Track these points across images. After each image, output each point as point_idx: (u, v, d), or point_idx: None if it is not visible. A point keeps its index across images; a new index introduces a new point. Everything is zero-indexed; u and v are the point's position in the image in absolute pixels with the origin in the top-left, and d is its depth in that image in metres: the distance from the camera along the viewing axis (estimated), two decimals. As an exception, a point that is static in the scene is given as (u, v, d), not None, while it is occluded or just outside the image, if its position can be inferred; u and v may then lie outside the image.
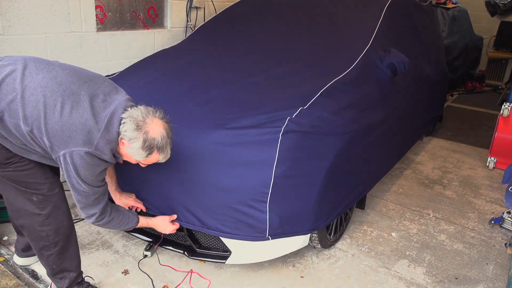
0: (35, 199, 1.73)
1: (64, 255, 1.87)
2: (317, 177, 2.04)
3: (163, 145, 1.63)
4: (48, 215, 1.76)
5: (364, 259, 2.44)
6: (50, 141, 1.51)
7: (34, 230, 1.78)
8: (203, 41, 3.14)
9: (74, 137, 1.51)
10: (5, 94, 1.50)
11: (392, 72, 2.72)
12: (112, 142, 1.58)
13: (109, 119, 1.56)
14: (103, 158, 1.58)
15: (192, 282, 2.16)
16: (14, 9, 2.49)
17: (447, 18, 5.92)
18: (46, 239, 1.79)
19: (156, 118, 1.62)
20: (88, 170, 1.56)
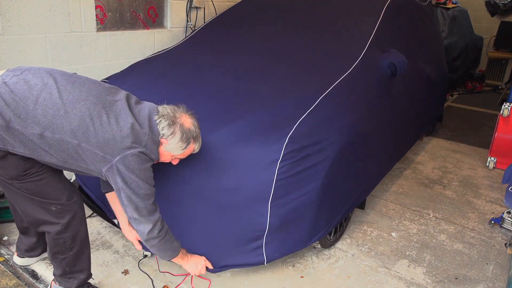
0: (54, 209, 1.71)
1: (79, 258, 1.87)
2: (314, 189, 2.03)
3: (197, 134, 1.75)
4: (67, 224, 1.75)
5: (364, 259, 2.44)
6: (103, 151, 1.54)
7: (51, 238, 1.78)
8: (203, 42, 3.14)
9: (126, 142, 1.56)
10: (45, 110, 1.49)
11: (392, 72, 2.72)
12: (157, 142, 1.66)
13: (149, 121, 1.64)
14: (152, 158, 1.66)
15: (193, 283, 2.15)
16: (14, 9, 2.49)
17: (447, 18, 5.92)
18: (63, 246, 1.79)
19: (182, 112, 1.73)
20: (143, 168, 1.61)
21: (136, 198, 1.61)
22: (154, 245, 1.74)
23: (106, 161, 1.55)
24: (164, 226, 1.74)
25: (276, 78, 2.46)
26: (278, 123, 2.02)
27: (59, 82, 1.56)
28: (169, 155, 1.74)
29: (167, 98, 2.29)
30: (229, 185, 1.91)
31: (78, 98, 1.55)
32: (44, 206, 1.71)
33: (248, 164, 1.91)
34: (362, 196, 2.63)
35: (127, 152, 1.55)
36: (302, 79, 2.43)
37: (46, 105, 1.49)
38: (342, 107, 2.28)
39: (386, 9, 3.07)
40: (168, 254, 1.82)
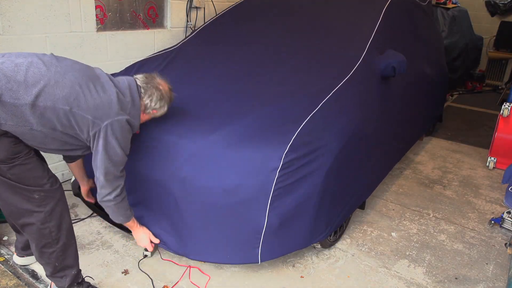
0: (37, 197, 1.73)
1: (66, 251, 1.87)
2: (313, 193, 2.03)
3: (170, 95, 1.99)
4: (50, 211, 1.77)
5: (364, 259, 2.44)
6: (93, 115, 1.67)
7: (36, 229, 1.77)
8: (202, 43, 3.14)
9: (113, 108, 1.71)
10: (36, 81, 1.58)
11: (391, 72, 2.72)
12: (138, 109, 1.84)
13: (130, 90, 1.81)
14: (134, 125, 1.82)
15: (192, 279, 2.16)
16: (14, 9, 2.49)
17: (447, 18, 5.92)
18: (49, 236, 1.79)
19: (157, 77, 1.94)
20: (125, 137, 1.79)
21: (109, 164, 1.76)
22: (110, 207, 1.90)
23: (95, 125, 1.69)
24: (122, 194, 1.88)
25: (276, 79, 2.46)
26: (279, 128, 2.02)
27: (42, 58, 1.66)
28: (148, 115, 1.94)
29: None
30: (228, 187, 1.91)
31: (65, 70, 1.67)
32: (27, 194, 1.71)
33: (247, 167, 1.91)
34: (362, 197, 2.63)
35: (115, 118, 1.71)
36: (303, 82, 2.43)
37: (35, 77, 1.59)
38: (342, 111, 2.27)
39: (386, 10, 3.07)
40: (119, 219, 1.98)
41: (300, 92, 2.31)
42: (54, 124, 1.63)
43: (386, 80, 2.79)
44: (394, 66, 2.68)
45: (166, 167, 2.01)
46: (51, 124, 1.63)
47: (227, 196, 1.91)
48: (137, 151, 2.09)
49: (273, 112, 2.13)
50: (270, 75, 2.52)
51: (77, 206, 2.76)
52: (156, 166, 2.04)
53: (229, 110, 2.17)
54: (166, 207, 2.05)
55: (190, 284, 2.14)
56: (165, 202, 2.04)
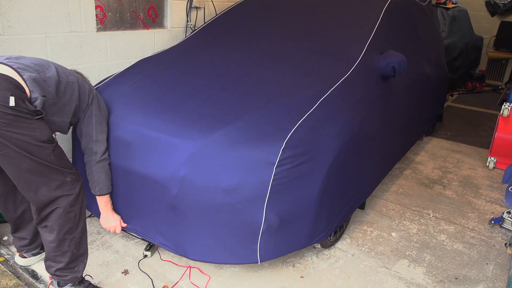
0: (69, 179, 1.80)
1: (83, 236, 1.93)
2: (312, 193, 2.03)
3: None
4: (78, 194, 1.85)
5: (364, 259, 2.44)
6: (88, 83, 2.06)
7: (64, 213, 1.81)
8: (202, 43, 3.14)
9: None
10: (46, 64, 1.85)
11: (391, 72, 2.72)
12: None
13: None
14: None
15: (192, 279, 2.16)
16: (14, 9, 2.49)
17: (447, 18, 5.92)
18: (73, 220, 1.85)
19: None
20: None
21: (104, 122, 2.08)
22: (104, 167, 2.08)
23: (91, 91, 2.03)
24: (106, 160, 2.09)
25: (275, 79, 2.46)
26: (276, 126, 2.02)
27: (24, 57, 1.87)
28: None
29: (166, 98, 2.30)
30: (225, 186, 1.91)
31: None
32: (62, 178, 1.77)
33: (244, 166, 1.91)
34: (362, 198, 2.63)
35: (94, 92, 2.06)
36: (301, 81, 2.43)
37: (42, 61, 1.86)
38: (341, 110, 2.27)
39: (386, 9, 3.07)
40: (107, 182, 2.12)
41: (299, 91, 2.30)
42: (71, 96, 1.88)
43: (386, 80, 2.79)
44: (394, 66, 2.68)
45: (164, 166, 2.01)
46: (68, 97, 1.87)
47: (226, 195, 1.91)
48: (136, 151, 2.09)
49: (271, 111, 2.13)
50: (269, 74, 2.52)
51: (77, 206, 2.76)
52: (154, 165, 2.04)
53: (228, 109, 2.17)
54: (164, 207, 2.05)
55: (190, 284, 2.14)
56: (164, 202, 2.04)
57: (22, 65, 1.73)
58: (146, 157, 2.07)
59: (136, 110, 2.24)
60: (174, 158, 1.99)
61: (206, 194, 1.93)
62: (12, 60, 1.73)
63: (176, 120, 2.13)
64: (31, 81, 1.69)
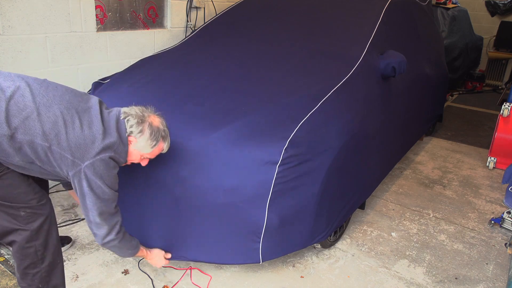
0: (23, 214, 1.63)
1: (53, 271, 1.77)
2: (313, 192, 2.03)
3: (166, 133, 1.77)
4: (37, 229, 1.67)
5: (364, 259, 2.44)
6: (73, 155, 1.54)
7: (21, 247, 1.67)
8: (203, 43, 3.14)
9: (96, 147, 1.57)
10: (18, 111, 1.47)
11: (391, 72, 2.72)
12: (126, 143, 1.67)
13: (117, 123, 1.66)
14: (120, 161, 1.67)
15: (193, 279, 2.16)
16: (14, 9, 2.49)
17: (447, 18, 5.92)
18: (35, 256, 1.69)
19: (151, 112, 1.76)
20: (110, 174, 1.63)
21: (101, 203, 1.62)
22: (114, 246, 1.74)
23: (75, 165, 1.55)
24: (122, 229, 1.74)
25: (276, 79, 2.46)
26: (278, 126, 2.02)
27: (31, 85, 1.55)
28: (138, 154, 1.74)
29: (166, 98, 2.30)
30: (227, 186, 1.91)
31: (52, 101, 1.54)
32: (12, 212, 1.61)
33: (247, 165, 1.91)
34: (362, 198, 2.63)
35: (96, 158, 1.56)
36: (302, 81, 2.42)
37: (19, 107, 1.47)
38: (341, 110, 2.27)
39: (386, 10, 3.07)
40: (128, 252, 1.85)
41: (299, 91, 2.30)
42: (32, 159, 1.53)
43: (386, 80, 2.79)
44: (394, 66, 2.68)
45: (165, 166, 2.01)
46: (29, 159, 1.52)
47: (228, 195, 1.91)
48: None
49: (273, 110, 2.13)
50: (270, 74, 2.52)
51: (77, 206, 2.76)
52: (155, 165, 2.04)
53: (229, 109, 2.17)
54: (165, 207, 2.05)
55: (191, 284, 2.14)
56: (165, 202, 2.04)
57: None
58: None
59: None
60: (175, 158, 1.99)
61: (208, 194, 1.93)
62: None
63: (177, 120, 2.12)
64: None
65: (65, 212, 2.71)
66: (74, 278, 2.13)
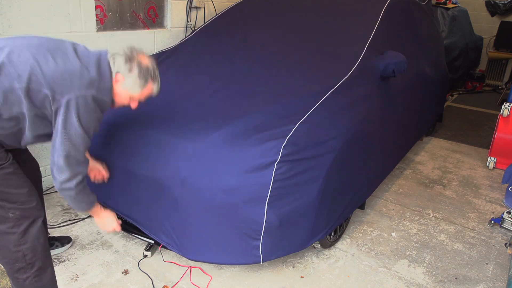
0: (11, 215, 1.60)
1: (42, 276, 1.73)
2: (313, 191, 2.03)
3: (156, 74, 1.71)
4: (24, 232, 1.63)
5: (364, 259, 2.44)
6: (52, 89, 1.51)
7: (8, 252, 1.64)
8: (202, 43, 3.14)
9: (75, 82, 1.53)
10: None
11: (391, 73, 2.72)
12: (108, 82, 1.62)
13: (98, 63, 1.61)
14: (103, 102, 1.62)
15: (193, 279, 2.16)
16: (14, 9, 2.49)
17: (447, 18, 5.92)
18: (23, 260, 1.65)
19: (140, 52, 1.69)
20: (89, 114, 1.57)
21: (70, 145, 1.57)
22: (70, 196, 1.67)
23: (55, 101, 1.52)
24: (83, 181, 1.68)
25: (275, 80, 2.46)
26: (276, 125, 2.02)
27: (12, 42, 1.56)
28: (127, 95, 1.69)
29: (166, 98, 2.30)
30: (226, 185, 1.91)
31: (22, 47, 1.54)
32: (1, 213, 1.59)
33: (245, 165, 1.91)
34: (362, 198, 2.63)
35: (78, 93, 1.53)
36: (301, 82, 2.43)
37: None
38: (341, 110, 2.27)
39: (385, 10, 3.07)
40: (83, 206, 1.77)
41: (299, 92, 2.31)
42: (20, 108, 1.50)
43: (386, 80, 2.79)
44: (394, 66, 2.68)
45: (165, 167, 2.01)
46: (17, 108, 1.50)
47: (227, 195, 1.91)
48: (136, 150, 2.09)
49: (272, 110, 2.13)
50: (269, 74, 2.53)
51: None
52: (155, 166, 2.04)
53: (229, 109, 2.17)
54: (165, 208, 2.05)
55: (191, 284, 2.14)
56: (165, 203, 2.04)
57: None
58: (147, 157, 2.08)
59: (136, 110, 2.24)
60: (175, 158, 2.00)
61: (207, 194, 1.93)
62: None
63: (176, 120, 2.13)
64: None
65: (65, 212, 2.71)
66: (74, 278, 2.13)
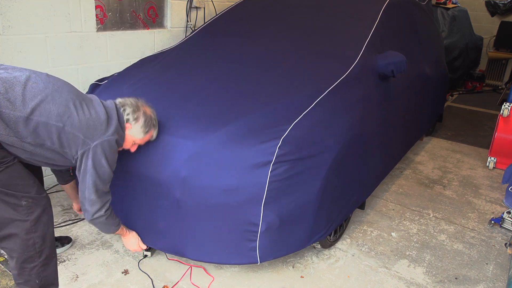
0: (24, 203, 1.68)
1: (48, 266, 1.81)
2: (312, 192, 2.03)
3: (156, 122, 2.01)
4: (36, 220, 1.72)
5: (364, 259, 2.44)
6: (84, 135, 1.72)
7: (20, 240, 1.70)
8: (202, 43, 3.14)
9: (103, 129, 1.78)
10: (34, 95, 1.62)
11: (390, 72, 2.72)
12: (123, 130, 1.89)
13: (117, 111, 1.87)
14: (120, 144, 1.88)
15: (194, 279, 2.16)
16: (14, 9, 2.49)
17: (447, 18, 5.92)
18: (32, 248, 1.73)
19: (144, 103, 1.99)
20: (113, 155, 1.84)
21: (99, 181, 1.80)
22: (101, 222, 1.90)
23: (85, 144, 1.73)
24: (110, 207, 1.92)
25: (273, 80, 2.46)
26: (272, 125, 2.02)
27: (39, 75, 1.71)
28: (131, 140, 1.94)
29: (165, 98, 2.30)
30: (223, 186, 1.91)
31: (62, 88, 1.73)
32: (14, 201, 1.66)
33: (241, 165, 1.91)
34: (362, 197, 2.63)
35: (104, 138, 1.77)
36: (299, 82, 2.42)
37: (33, 92, 1.63)
38: (340, 110, 2.27)
39: (384, 9, 3.07)
40: (112, 229, 1.99)
41: (296, 92, 2.31)
42: (44, 140, 1.66)
43: (385, 80, 2.79)
44: (394, 66, 2.67)
45: (165, 167, 2.01)
46: (41, 140, 1.65)
47: (225, 195, 1.91)
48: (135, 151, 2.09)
49: (269, 110, 2.13)
50: (268, 74, 2.52)
51: (77, 206, 2.76)
52: (155, 166, 2.04)
53: (227, 109, 2.17)
54: (165, 207, 2.05)
55: (190, 285, 2.14)
56: (164, 202, 2.04)
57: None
58: (146, 157, 2.07)
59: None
60: (174, 158, 2.00)
61: (205, 194, 1.93)
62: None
63: (175, 120, 2.13)
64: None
65: (65, 212, 2.71)
66: (74, 278, 2.13)
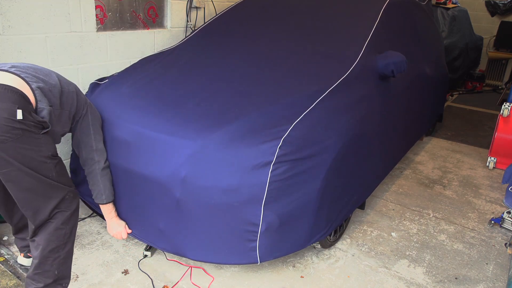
0: (67, 197, 1.79)
1: (68, 259, 1.87)
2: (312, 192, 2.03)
3: None
4: (73, 212, 1.83)
5: (364, 259, 2.44)
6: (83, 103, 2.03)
7: (54, 229, 1.77)
8: (202, 43, 3.14)
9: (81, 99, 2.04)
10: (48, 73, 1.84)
11: (390, 72, 2.71)
12: None
13: None
14: None
15: (194, 280, 2.16)
16: (14, 9, 2.49)
17: (447, 18, 5.92)
18: (62, 239, 1.80)
19: None
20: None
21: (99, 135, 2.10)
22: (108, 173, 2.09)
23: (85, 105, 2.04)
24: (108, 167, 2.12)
25: (273, 80, 2.46)
26: (272, 125, 2.02)
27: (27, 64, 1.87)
28: None
29: (165, 98, 2.30)
30: (223, 186, 1.91)
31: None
32: (61, 194, 1.75)
33: (241, 165, 1.91)
34: (362, 197, 2.63)
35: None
36: (299, 82, 2.42)
37: (46, 71, 1.84)
38: (340, 110, 2.27)
39: (384, 9, 3.07)
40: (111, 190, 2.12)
41: (296, 92, 2.31)
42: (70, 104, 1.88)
43: (385, 80, 2.79)
44: (394, 66, 2.67)
45: (164, 167, 2.01)
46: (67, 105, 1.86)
47: (225, 195, 1.91)
48: (135, 151, 2.09)
49: (269, 111, 2.13)
50: (268, 74, 2.52)
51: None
52: (155, 166, 2.04)
53: (227, 109, 2.17)
54: (164, 207, 2.05)
55: (190, 284, 2.14)
56: (164, 202, 2.04)
57: (29, 74, 1.70)
58: (146, 157, 2.08)
59: (136, 110, 2.24)
60: (174, 158, 2.00)
61: (205, 194, 1.93)
62: (19, 69, 1.70)
63: (175, 120, 2.13)
64: (39, 92, 1.67)
65: (65, 212, 2.71)
66: (74, 278, 2.13)
